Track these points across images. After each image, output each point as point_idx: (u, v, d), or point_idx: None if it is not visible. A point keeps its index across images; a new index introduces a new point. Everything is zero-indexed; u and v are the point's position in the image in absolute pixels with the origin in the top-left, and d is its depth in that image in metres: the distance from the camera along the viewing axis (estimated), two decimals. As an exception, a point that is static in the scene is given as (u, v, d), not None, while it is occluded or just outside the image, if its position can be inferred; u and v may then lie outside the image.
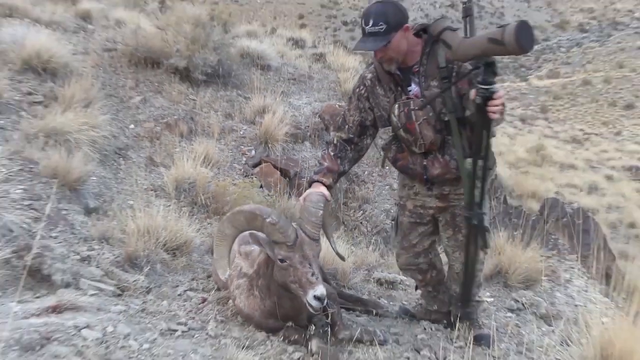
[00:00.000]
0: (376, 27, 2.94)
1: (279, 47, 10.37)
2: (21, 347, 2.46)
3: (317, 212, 2.96)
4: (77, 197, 4.55)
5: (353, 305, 3.60)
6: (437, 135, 3.13)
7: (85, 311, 3.04)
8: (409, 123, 3.15)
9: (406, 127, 3.17)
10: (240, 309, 3.25)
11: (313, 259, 2.89)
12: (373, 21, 2.94)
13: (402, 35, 3.00)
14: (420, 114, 3.10)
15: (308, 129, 7.52)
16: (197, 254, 4.41)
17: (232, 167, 6.33)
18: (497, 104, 2.70)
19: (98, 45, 7.31)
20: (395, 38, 2.97)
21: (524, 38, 2.48)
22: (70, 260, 3.57)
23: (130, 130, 6.16)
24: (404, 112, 3.15)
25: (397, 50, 3.03)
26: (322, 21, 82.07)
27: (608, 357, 2.77)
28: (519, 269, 4.37)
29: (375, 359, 3.14)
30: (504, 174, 13.21)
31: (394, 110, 3.19)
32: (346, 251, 4.72)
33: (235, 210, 2.94)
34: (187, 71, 7.26)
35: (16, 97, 5.38)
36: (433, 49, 3.08)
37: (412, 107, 3.13)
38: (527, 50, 2.55)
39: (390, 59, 3.06)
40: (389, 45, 2.97)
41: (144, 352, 2.75)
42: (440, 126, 3.10)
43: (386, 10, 2.96)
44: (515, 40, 2.46)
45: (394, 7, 3.00)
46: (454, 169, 3.17)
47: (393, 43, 2.98)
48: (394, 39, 2.97)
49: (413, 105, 3.13)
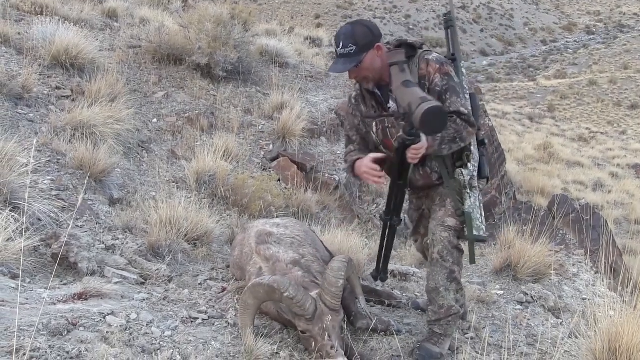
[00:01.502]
0: (346, 49, 2.92)
1: (297, 45, 10.43)
2: (49, 332, 2.55)
3: (337, 282, 2.88)
4: (102, 188, 4.67)
5: (367, 296, 3.65)
6: None
7: (110, 298, 3.13)
8: (386, 139, 3.17)
9: (384, 143, 3.19)
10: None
11: (333, 330, 2.83)
12: (343, 43, 2.92)
13: (374, 55, 2.98)
14: (394, 131, 3.11)
15: (324, 124, 7.59)
16: (217, 244, 4.49)
17: (251, 160, 6.43)
18: (414, 154, 2.84)
19: (123, 42, 7.45)
20: (366, 58, 2.94)
21: (428, 123, 2.61)
22: (96, 249, 3.68)
23: (153, 124, 6.28)
24: (380, 128, 3.17)
25: (370, 70, 3.00)
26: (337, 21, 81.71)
27: (616, 350, 2.79)
28: (528, 263, 4.39)
29: (389, 348, 3.20)
30: (513, 170, 13.17)
31: (373, 128, 3.21)
32: (360, 244, 4.77)
33: (255, 282, 2.90)
34: (208, 68, 7.36)
35: (45, 91, 5.53)
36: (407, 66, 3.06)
37: (386, 124, 3.14)
38: (425, 133, 2.77)
39: (365, 78, 3.05)
40: (361, 66, 2.96)
41: (165, 339, 2.83)
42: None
43: (355, 31, 2.95)
44: (420, 120, 2.60)
45: (363, 28, 2.99)
46: (435, 181, 3.19)
47: (365, 63, 2.95)
48: (365, 59, 2.95)
49: (387, 123, 3.14)
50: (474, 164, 3.14)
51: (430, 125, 2.63)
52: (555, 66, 70.56)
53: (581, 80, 54.87)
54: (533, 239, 4.54)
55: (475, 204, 3.09)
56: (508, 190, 8.97)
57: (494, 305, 3.99)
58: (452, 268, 3.12)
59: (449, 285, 3.13)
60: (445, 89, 2.96)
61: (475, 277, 4.57)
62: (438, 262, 3.12)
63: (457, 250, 3.13)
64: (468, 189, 3.08)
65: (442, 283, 3.12)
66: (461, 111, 2.93)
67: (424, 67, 3.01)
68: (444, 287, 3.13)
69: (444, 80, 2.97)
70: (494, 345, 3.41)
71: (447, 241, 3.10)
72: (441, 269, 3.12)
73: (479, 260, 5.02)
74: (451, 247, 3.10)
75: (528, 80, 61.72)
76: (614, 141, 27.44)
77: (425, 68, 3.00)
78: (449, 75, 3.00)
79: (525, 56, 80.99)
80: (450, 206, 3.14)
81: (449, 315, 3.17)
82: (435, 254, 3.13)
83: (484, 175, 3.23)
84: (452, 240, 3.10)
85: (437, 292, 3.15)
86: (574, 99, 49.31)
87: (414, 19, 78.40)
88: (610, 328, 2.90)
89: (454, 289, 3.15)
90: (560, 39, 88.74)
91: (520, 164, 15.88)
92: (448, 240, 3.10)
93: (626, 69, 59.09)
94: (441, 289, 3.13)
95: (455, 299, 3.18)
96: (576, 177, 15.73)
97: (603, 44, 77.77)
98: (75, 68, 6.04)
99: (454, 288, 3.15)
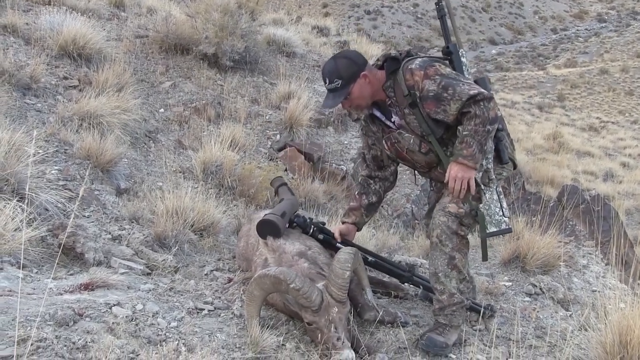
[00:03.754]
0: (332, 84, 3.02)
1: (304, 35, 10.39)
2: (55, 322, 2.56)
3: (343, 273, 2.88)
4: (109, 178, 4.68)
5: (374, 287, 3.65)
6: (429, 156, 3.18)
7: (116, 289, 3.14)
8: (399, 153, 3.26)
9: (401, 156, 3.28)
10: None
11: (339, 322, 2.84)
12: (328, 79, 3.03)
13: (362, 83, 3.05)
14: (403, 144, 3.18)
15: (332, 114, 7.56)
16: (223, 235, 4.49)
17: (258, 150, 6.41)
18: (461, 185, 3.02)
19: (130, 32, 7.44)
20: (354, 89, 3.03)
21: (261, 230, 3.37)
22: (102, 239, 3.69)
23: (160, 114, 6.28)
24: (389, 145, 3.26)
25: (361, 98, 3.09)
26: (345, 10, 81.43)
27: (627, 343, 2.76)
28: (537, 254, 4.36)
29: (396, 340, 3.19)
30: (522, 160, 13.08)
31: (384, 146, 3.30)
32: (367, 234, 4.77)
33: (261, 273, 2.91)
34: (215, 57, 7.33)
35: (52, 81, 5.53)
36: (394, 80, 3.10)
37: (393, 140, 3.21)
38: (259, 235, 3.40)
39: (358, 106, 3.14)
40: (350, 97, 3.05)
41: (171, 329, 2.83)
42: (428, 147, 3.13)
43: (337, 66, 3.03)
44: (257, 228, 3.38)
45: (345, 60, 3.06)
46: None
47: (354, 94, 3.05)
48: (354, 90, 3.03)
49: (393, 139, 3.21)
50: (488, 157, 3.11)
51: (263, 230, 3.37)
52: (565, 55, 69.95)
53: (592, 69, 54.35)
54: (542, 230, 4.51)
55: (491, 198, 3.06)
56: (517, 180, 8.90)
57: (502, 297, 3.97)
58: (451, 254, 3.10)
59: (449, 272, 3.12)
60: (442, 87, 2.93)
61: (483, 269, 4.54)
62: (437, 246, 3.13)
63: (457, 236, 3.10)
64: (482, 186, 3.05)
65: (442, 268, 3.12)
66: (471, 94, 2.90)
67: (410, 77, 3.01)
68: (443, 273, 3.12)
69: (434, 81, 2.95)
70: (502, 338, 3.39)
71: (445, 226, 3.08)
72: (440, 253, 3.12)
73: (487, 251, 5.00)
74: (450, 233, 3.08)
75: (538, 69, 61.22)
76: (625, 131, 27.18)
77: (411, 78, 3.00)
78: (437, 74, 2.97)
79: (535, 45, 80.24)
80: None
81: (452, 305, 3.14)
82: (434, 237, 3.14)
83: (505, 161, 3.21)
84: (451, 226, 3.08)
85: (437, 277, 3.15)
86: (584, 88, 48.88)
87: (422, 7, 77.71)
88: (621, 321, 2.86)
89: (455, 277, 3.13)
90: (570, 27, 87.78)
91: (529, 153, 15.77)
92: (446, 225, 3.08)
93: (638, 57, 58.37)
94: (440, 275, 3.13)
95: (458, 288, 3.16)
96: (586, 167, 15.60)
97: (615, 31, 76.76)
98: (82, 58, 6.03)
99: (455, 276, 3.13)
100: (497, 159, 3.20)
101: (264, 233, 3.40)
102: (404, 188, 7.26)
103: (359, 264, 3.24)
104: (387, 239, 5.22)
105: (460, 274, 3.16)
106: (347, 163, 6.91)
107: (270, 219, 3.40)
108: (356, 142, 7.36)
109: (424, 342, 3.10)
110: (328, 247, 3.62)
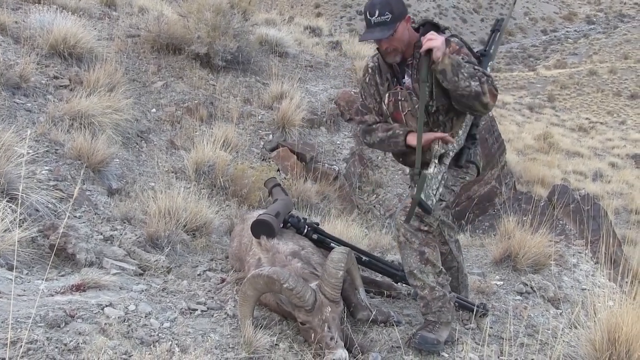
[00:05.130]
0: (382, 17, 2.98)
1: (296, 35, 10.41)
2: (47, 324, 2.54)
3: (337, 273, 2.88)
4: (100, 178, 4.66)
5: (367, 287, 3.64)
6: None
7: (108, 290, 3.13)
8: (396, 112, 3.22)
9: (394, 116, 3.24)
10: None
11: (332, 321, 2.84)
12: (379, 11, 2.98)
13: (405, 26, 3.05)
14: (405, 105, 3.17)
15: (324, 114, 7.58)
16: (216, 235, 4.48)
17: (251, 150, 6.41)
18: (430, 38, 2.89)
19: (122, 31, 7.41)
20: (399, 28, 3.01)
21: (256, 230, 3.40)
22: (94, 239, 3.67)
23: (152, 114, 6.25)
24: (392, 101, 3.21)
25: (401, 40, 3.07)
26: (337, 10, 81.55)
27: (615, 340, 2.79)
28: (528, 254, 4.39)
29: (389, 339, 3.19)
30: (513, 160, 13.19)
31: (385, 99, 3.26)
32: (360, 234, 4.77)
33: (255, 273, 2.90)
34: (207, 57, 7.32)
35: (43, 80, 5.49)
36: None
37: (399, 97, 3.19)
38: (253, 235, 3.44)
39: (395, 49, 3.10)
40: (395, 35, 3.02)
41: (164, 330, 2.82)
42: (426, 118, 3.13)
43: (390, 0, 3.01)
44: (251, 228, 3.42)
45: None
46: None
47: (398, 32, 3.02)
48: (399, 29, 3.01)
49: (400, 96, 3.18)
50: (454, 145, 3.12)
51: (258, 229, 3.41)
52: (555, 56, 70.47)
53: (581, 70, 54.81)
54: (533, 230, 4.54)
55: (436, 176, 3.04)
56: (508, 180, 8.96)
57: (493, 296, 3.99)
58: (420, 249, 3.11)
59: (424, 268, 3.12)
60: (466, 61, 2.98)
61: (475, 268, 4.56)
62: (405, 245, 3.14)
63: (421, 232, 3.11)
64: (436, 159, 3.04)
65: (415, 265, 3.12)
66: (486, 72, 2.98)
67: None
68: (418, 270, 3.12)
69: (464, 58, 2.99)
70: (493, 336, 3.41)
71: (407, 225, 3.10)
72: (410, 251, 3.13)
73: (479, 250, 5.03)
74: (413, 230, 3.10)
75: (528, 70, 61.61)
76: (614, 131, 27.42)
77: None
78: (467, 55, 3.07)
79: (525, 46, 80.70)
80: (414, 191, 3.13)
81: (435, 299, 3.14)
82: (400, 237, 3.16)
83: (460, 164, 3.22)
84: (412, 223, 3.09)
85: (413, 275, 3.15)
86: (573, 89, 49.30)
87: (414, 8, 78.01)
88: (609, 318, 2.90)
89: (430, 271, 3.13)
90: (560, 29, 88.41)
91: (520, 154, 15.89)
92: (408, 224, 3.10)
93: (626, 59, 58.99)
94: (415, 271, 3.13)
95: (437, 282, 3.16)
96: (576, 167, 15.74)
97: (603, 33, 77.45)
98: (73, 57, 6.00)
99: (430, 270, 3.13)
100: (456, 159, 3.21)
101: (258, 233, 3.40)
102: (396, 188, 7.29)
103: (352, 263, 3.24)
104: (380, 239, 5.22)
105: (435, 267, 3.16)
106: (339, 163, 6.92)
107: (265, 219, 3.40)
108: (348, 143, 7.37)
109: (416, 341, 3.10)
110: (322, 247, 3.62)
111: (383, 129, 3.25)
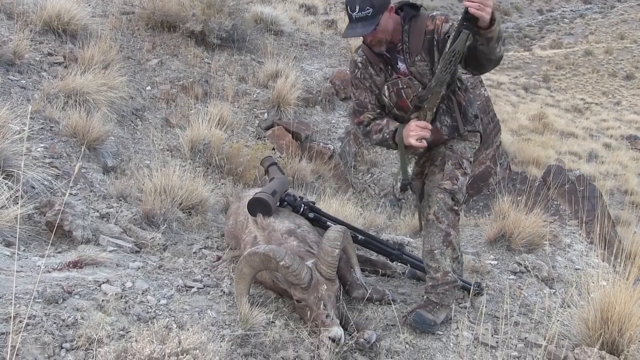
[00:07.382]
0: (363, 12, 2.92)
1: (292, 13, 10.32)
2: (44, 300, 2.55)
3: (333, 251, 2.89)
4: (95, 156, 4.64)
5: (362, 265, 3.67)
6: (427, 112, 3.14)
7: (105, 267, 3.14)
8: (401, 101, 3.20)
9: (399, 105, 3.22)
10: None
11: (328, 299, 2.85)
12: (359, 6, 2.92)
13: (388, 16, 3.01)
14: (410, 91, 3.15)
15: (319, 93, 7.56)
16: (211, 213, 4.49)
17: (246, 129, 6.39)
18: None
19: (116, 8, 7.32)
20: (382, 20, 2.97)
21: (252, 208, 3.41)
22: (90, 217, 3.66)
23: (147, 92, 6.21)
24: (394, 91, 3.19)
25: (385, 32, 3.03)
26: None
27: (608, 319, 2.83)
28: (522, 234, 4.42)
29: (384, 317, 3.22)
30: (507, 141, 13.21)
31: (384, 91, 3.22)
32: (355, 213, 4.79)
33: (251, 250, 2.89)
34: (202, 35, 7.26)
35: (37, 57, 5.43)
36: (412, 25, 3.09)
37: (400, 85, 3.16)
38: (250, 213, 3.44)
39: (380, 41, 3.07)
40: (378, 28, 2.97)
41: (161, 307, 2.84)
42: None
43: None
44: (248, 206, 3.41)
45: None
46: (445, 135, 3.21)
47: (381, 25, 2.97)
48: (382, 21, 2.97)
49: (401, 84, 3.16)
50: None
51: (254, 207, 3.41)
52: (551, 36, 70.04)
53: (577, 51, 54.69)
54: (527, 210, 4.57)
55: None
56: (502, 160, 9.00)
57: (488, 275, 4.02)
58: (447, 230, 3.13)
59: (445, 250, 3.14)
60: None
61: (469, 247, 4.59)
62: (434, 223, 3.15)
63: (452, 213, 3.14)
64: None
65: (437, 245, 3.14)
66: None
67: (430, 22, 3.03)
68: (439, 251, 3.14)
69: (451, 26, 2.98)
70: (488, 315, 3.44)
71: (442, 202, 3.12)
72: (437, 230, 3.14)
73: (473, 230, 5.06)
74: (446, 209, 3.12)
75: (523, 50, 61.30)
76: (609, 112, 27.51)
77: (432, 23, 3.02)
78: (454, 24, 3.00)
79: (521, 25, 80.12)
80: (449, 169, 3.17)
81: (445, 283, 3.17)
82: (431, 214, 3.16)
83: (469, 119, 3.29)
84: (447, 202, 3.12)
85: (432, 255, 3.16)
86: (569, 70, 49.21)
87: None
88: (602, 298, 2.94)
89: (449, 255, 3.16)
90: (556, 8, 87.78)
91: (514, 134, 15.93)
92: (443, 201, 3.12)
93: (622, 39, 58.71)
94: (436, 252, 3.15)
95: (452, 266, 3.19)
96: (570, 148, 15.80)
97: (600, 13, 76.96)
98: (67, 34, 5.93)
99: (449, 254, 3.16)
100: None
101: (255, 211, 3.41)
102: (391, 167, 7.31)
103: (348, 242, 3.26)
104: (375, 218, 5.25)
105: (455, 252, 3.20)
106: (334, 142, 6.91)
107: (262, 197, 3.41)
108: (344, 122, 7.36)
109: (412, 318, 3.13)
110: (318, 226, 3.63)
111: (375, 130, 3.25)
